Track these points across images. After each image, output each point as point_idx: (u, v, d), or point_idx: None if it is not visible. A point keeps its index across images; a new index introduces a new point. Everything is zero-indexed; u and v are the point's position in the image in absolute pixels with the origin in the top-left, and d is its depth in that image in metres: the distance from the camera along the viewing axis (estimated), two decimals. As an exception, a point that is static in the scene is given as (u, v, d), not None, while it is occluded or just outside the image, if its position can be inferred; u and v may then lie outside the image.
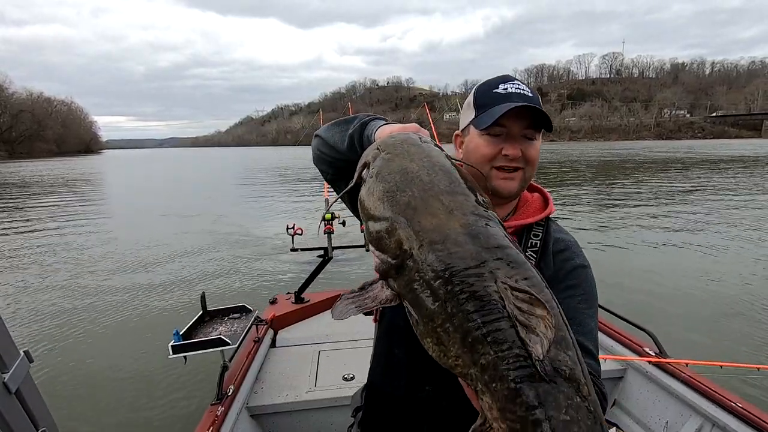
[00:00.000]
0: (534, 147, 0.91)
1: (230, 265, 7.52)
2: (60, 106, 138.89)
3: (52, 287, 6.56)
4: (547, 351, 0.51)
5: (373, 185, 0.69)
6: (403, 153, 0.71)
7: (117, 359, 4.35)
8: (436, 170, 0.68)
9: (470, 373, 0.55)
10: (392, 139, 0.75)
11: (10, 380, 0.80)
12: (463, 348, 0.54)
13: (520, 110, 0.85)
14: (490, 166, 0.90)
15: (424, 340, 0.61)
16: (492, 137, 0.89)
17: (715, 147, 62.24)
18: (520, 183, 0.92)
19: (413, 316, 0.61)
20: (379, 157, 0.72)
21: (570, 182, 20.76)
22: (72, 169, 43.80)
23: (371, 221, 0.67)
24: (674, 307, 5.18)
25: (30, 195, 20.47)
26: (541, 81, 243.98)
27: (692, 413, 2.15)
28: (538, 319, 0.53)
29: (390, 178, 0.67)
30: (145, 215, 13.57)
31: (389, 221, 0.64)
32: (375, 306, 0.64)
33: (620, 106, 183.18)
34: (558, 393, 0.50)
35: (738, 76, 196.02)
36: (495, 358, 0.52)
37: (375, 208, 0.67)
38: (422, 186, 0.65)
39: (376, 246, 0.66)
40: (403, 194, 0.65)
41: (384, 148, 0.73)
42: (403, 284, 0.62)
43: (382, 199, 0.66)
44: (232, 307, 2.71)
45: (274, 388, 2.42)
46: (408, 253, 0.61)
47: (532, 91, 0.91)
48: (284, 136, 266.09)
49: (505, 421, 0.52)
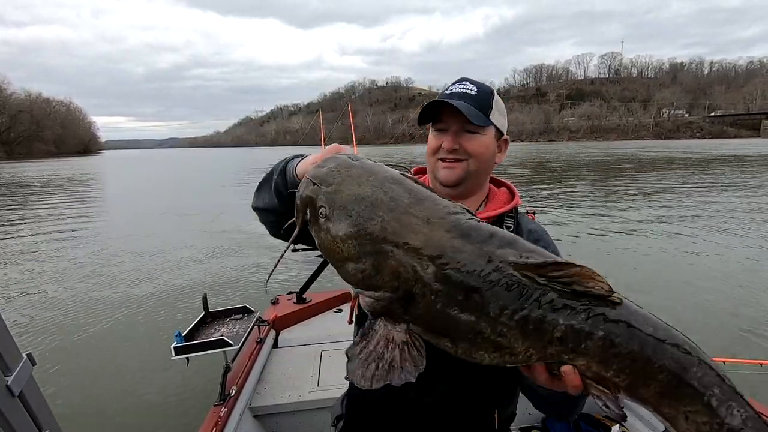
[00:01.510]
0: (476, 141, 0.95)
1: (231, 266, 7.51)
2: (59, 106, 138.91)
3: (53, 289, 6.53)
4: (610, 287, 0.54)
5: (333, 225, 0.62)
6: (346, 179, 0.64)
7: (119, 361, 4.34)
8: (388, 185, 0.63)
9: (549, 353, 0.56)
10: (323, 168, 0.67)
11: (14, 383, 0.79)
12: (529, 337, 0.55)
13: (453, 107, 0.92)
14: (435, 158, 0.98)
15: (476, 354, 0.58)
16: (437, 132, 0.98)
17: (714, 147, 62.37)
18: (462, 173, 0.97)
19: (448, 339, 0.58)
20: (321, 192, 0.64)
21: (570, 182, 20.77)
22: (72, 169, 43.74)
23: (349, 263, 0.61)
24: (676, 304, 5.19)
25: (29, 196, 20.44)
26: (540, 81, 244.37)
27: None
28: (576, 274, 0.54)
29: (349, 211, 0.61)
30: (145, 216, 13.55)
31: (372, 256, 0.59)
32: (401, 358, 0.59)
33: (619, 106, 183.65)
34: (637, 313, 0.55)
35: (737, 75, 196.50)
36: (568, 325, 0.53)
37: (348, 248, 0.60)
38: (386, 206, 0.60)
39: (364, 286, 0.61)
40: (373, 222, 0.59)
41: (322, 181, 0.65)
42: (421, 313, 0.58)
43: (351, 236, 0.60)
44: (234, 307, 2.70)
45: (277, 389, 2.41)
46: (410, 280, 0.57)
47: (479, 90, 0.96)
48: (283, 136, 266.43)
49: (610, 368, 0.53)
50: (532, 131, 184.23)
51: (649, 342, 0.52)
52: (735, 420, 0.50)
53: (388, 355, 0.59)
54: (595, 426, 2.42)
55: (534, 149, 77.61)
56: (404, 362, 0.59)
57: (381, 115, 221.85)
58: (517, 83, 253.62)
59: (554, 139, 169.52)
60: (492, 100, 0.97)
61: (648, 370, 0.52)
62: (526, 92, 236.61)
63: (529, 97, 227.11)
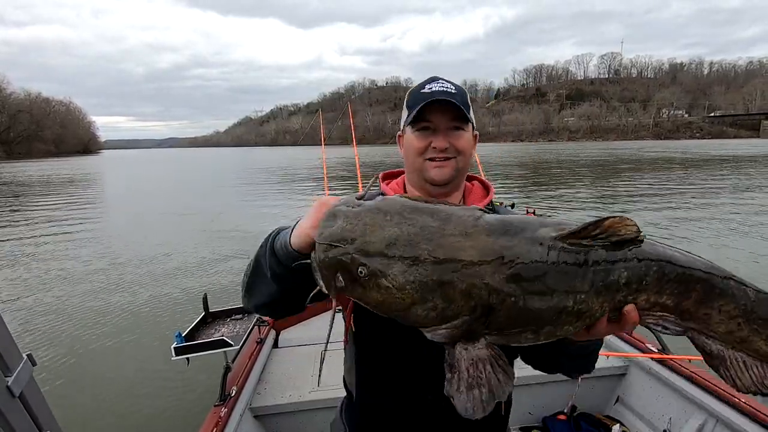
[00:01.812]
0: (463, 137, 0.97)
1: (232, 266, 7.50)
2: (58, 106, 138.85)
3: (53, 290, 6.53)
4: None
5: (381, 279, 0.60)
6: (366, 228, 0.61)
7: (119, 361, 4.34)
8: (408, 216, 0.62)
9: (618, 300, 0.62)
10: (332, 226, 0.63)
11: (14, 384, 0.79)
12: (601, 293, 0.61)
13: (443, 105, 0.93)
14: (423, 159, 0.97)
15: (560, 331, 0.62)
16: (421, 132, 0.97)
17: (714, 147, 62.42)
18: (453, 171, 0.97)
19: (530, 331, 0.61)
20: (350, 251, 0.60)
21: (570, 182, 20.77)
22: (71, 169, 43.73)
23: (415, 307, 0.60)
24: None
25: (29, 196, 20.42)
26: (540, 81, 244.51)
27: (696, 409, 2.15)
28: (608, 227, 0.60)
29: (390, 258, 0.59)
30: (145, 216, 13.55)
31: (437, 290, 0.58)
32: (494, 372, 0.61)
33: (619, 106, 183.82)
34: (659, 245, 0.64)
35: (736, 76, 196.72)
36: (628, 269, 0.60)
37: (408, 294, 0.59)
38: (422, 237, 0.60)
39: (440, 322, 0.61)
40: (422, 259, 0.59)
41: (342, 240, 0.61)
42: (502, 319, 0.59)
43: (407, 281, 0.58)
44: (234, 308, 2.70)
45: (277, 389, 2.41)
46: (484, 294, 0.58)
47: (457, 87, 0.98)
48: (283, 136, 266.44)
49: (664, 293, 0.62)
50: (532, 131, 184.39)
51: (683, 264, 0.63)
52: (750, 299, 0.64)
53: (484, 376, 0.60)
54: (596, 426, 2.42)
55: (534, 149, 77.70)
56: (498, 374, 0.61)
57: (381, 115, 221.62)
58: (516, 83, 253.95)
59: (554, 139, 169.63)
60: (467, 96, 0.99)
61: (689, 286, 0.62)
62: (526, 92, 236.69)
63: (529, 98, 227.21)
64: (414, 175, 1.02)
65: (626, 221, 0.60)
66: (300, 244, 0.74)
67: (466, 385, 0.60)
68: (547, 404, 2.54)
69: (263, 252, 0.83)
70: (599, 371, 2.55)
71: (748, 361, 0.65)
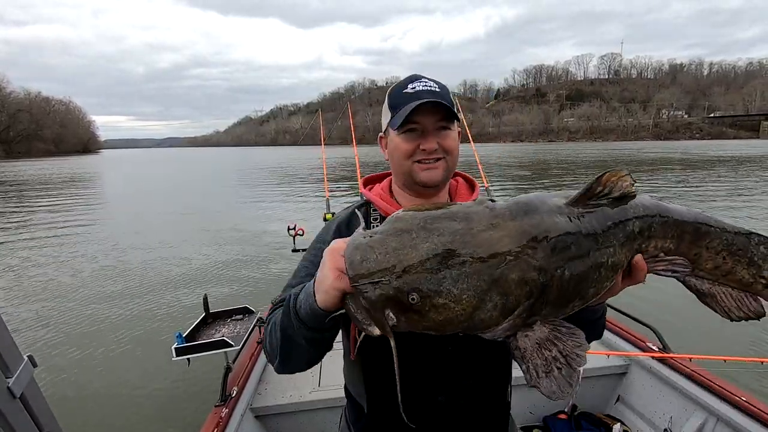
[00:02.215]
0: (450, 137, 0.95)
1: (232, 267, 7.49)
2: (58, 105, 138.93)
3: (54, 290, 6.52)
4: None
5: (435, 299, 0.57)
6: (397, 253, 0.58)
7: (120, 362, 4.33)
8: (431, 227, 0.60)
9: (635, 248, 0.67)
10: (362, 263, 0.59)
11: (14, 385, 0.78)
12: (624, 244, 0.66)
13: (429, 106, 0.90)
14: (412, 161, 0.95)
15: (600, 288, 0.66)
16: (408, 134, 0.94)
17: (713, 148, 62.46)
18: (443, 172, 0.95)
19: (578, 298, 0.64)
20: (392, 283, 0.57)
21: (569, 183, 20.78)
22: (71, 169, 43.69)
23: (477, 312, 0.58)
24: (677, 302, 5.18)
25: (28, 195, 20.40)
26: (540, 81, 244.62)
27: (696, 408, 2.15)
28: (605, 182, 0.65)
29: (436, 275, 0.57)
30: (145, 216, 13.54)
31: (493, 289, 0.58)
32: (564, 345, 0.62)
33: (618, 107, 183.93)
34: (647, 196, 0.72)
35: (736, 76, 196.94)
36: (638, 219, 0.67)
37: (467, 304, 0.57)
38: (456, 243, 0.59)
39: (503, 317, 0.60)
40: (464, 264, 0.57)
41: (378, 273, 0.58)
42: (554, 296, 0.61)
43: (461, 291, 0.57)
44: (235, 308, 2.71)
45: (278, 389, 2.40)
46: (535, 275, 0.59)
47: (440, 86, 0.95)
48: (283, 136, 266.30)
49: (668, 238, 0.70)
50: (532, 132, 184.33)
51: (673, 210, 0.71)
52: (728, 232, 0.72)
53: (556, 352, 0.61)
54: (597, 425, 2.42)
55: (533, 150, 77.67)
56: (568, 341, 0.62)
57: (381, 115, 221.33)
58: (516, 84, 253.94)
59: (554, 139, 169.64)
60: (450, 93, 0.97)
61: (684, 229, 0.70)
62: (526, 93, 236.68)
63: (529, 98, 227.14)
64: (402, 178, 0.99)
65: (620, 173, 0.66)
66: (328, 302, 0.68)
67: (543, 369, 0.60)
68: (548, 403, 2.54)
69: (290, 324, 0.78)
70: (600, 370, 2.55)
71: (734, 293, 0.74)
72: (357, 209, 1.02)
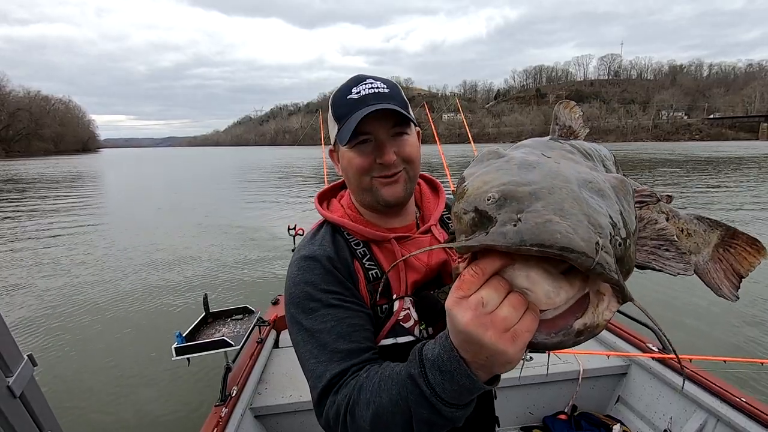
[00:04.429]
0: (408, 143, 0.82)
1: (232, 267, 7.48)
2: (58, 104, 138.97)
3: (53, 290, 6.51)
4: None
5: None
6: (565, 191, 0.46)
7: (120, 361, 4.32)
8: (568, 161, 0.57)
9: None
10: (546, 226, 0.41)
11: (15, 384, 0.78)
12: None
13: (380, 112, 0.77)
14: (369, 177, 0.82)
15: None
16: (360, 147, 0.80)
17: (713, 148, 62.52)
18: (405, 184, 0.84)
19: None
20: (599, 236, 0.42)
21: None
22: (71, 168, 43.65)
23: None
24: (677, 303, 5.19)
25: (28, 195, 20.38)
26: (540, 82, 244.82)
27: (696, 408, 2.15)
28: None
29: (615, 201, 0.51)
30: (144, 215, 13.53)
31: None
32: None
33: (618, 108, 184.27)
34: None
35: (735, 78, 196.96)
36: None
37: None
38: (596, 176, 0.53)
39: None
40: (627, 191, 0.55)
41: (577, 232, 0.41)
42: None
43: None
44: (235, 308, 2.70)
45: (278, 389, 2.40)
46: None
47: (389, 85, 0.83)
48: (283, 135, 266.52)
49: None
50: (532, 132, 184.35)
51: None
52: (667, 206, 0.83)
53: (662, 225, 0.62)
54: (596, 425, 2.42)
55: (533, 150, 77.52)
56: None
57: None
58: (516, 84, 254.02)
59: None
60: (401, 91, 0.85)
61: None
62: (526, 93, 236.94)
63: (529, 98, 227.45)
64: (361, 196, 0.86)
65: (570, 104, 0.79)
66: (513, 365, 0.49)
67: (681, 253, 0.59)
68: (548, 404, 2.54)
69: (433, 417, 0.59)
70: (600, 371, 2.55)
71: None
72: (332, 235, 0.88)
